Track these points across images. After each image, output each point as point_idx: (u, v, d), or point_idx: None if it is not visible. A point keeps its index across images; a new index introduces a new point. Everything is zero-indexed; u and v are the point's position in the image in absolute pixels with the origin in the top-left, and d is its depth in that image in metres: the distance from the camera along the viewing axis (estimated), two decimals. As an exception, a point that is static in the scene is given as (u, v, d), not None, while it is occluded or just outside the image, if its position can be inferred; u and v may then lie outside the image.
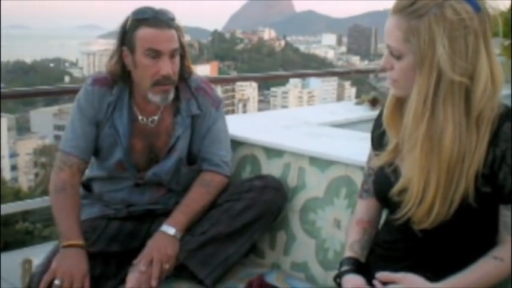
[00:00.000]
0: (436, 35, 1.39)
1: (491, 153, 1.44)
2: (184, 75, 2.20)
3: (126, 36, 2.09)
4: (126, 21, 2.10)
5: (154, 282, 1.96)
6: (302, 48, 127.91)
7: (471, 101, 1.43)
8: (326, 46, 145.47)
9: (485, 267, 1.48)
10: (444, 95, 1.42)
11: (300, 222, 2.24)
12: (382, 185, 1.62)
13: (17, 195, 17.67)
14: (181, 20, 2.17)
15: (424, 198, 1.45)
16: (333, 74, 9.04)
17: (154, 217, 2.23)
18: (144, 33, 2.05)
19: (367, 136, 2.40)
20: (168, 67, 2.06)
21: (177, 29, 2.12)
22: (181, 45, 2.14)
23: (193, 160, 2.25)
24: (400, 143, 1.56)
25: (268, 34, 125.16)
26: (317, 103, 75.97)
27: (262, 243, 2.32)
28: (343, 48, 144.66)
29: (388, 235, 1.64)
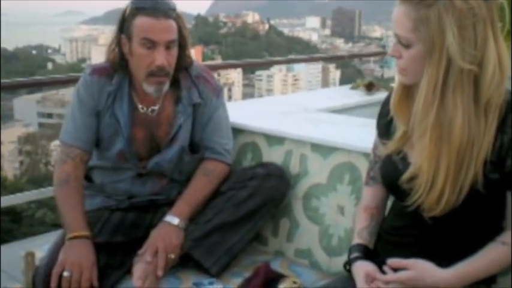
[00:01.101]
0: (445, 23, 1.40)
1: (499, 140, 1.46)
2: (185, 64, 2.19)
3: (124, 24, 2.07)
4: (126, 9, 2.08)
5: (160, 272, 1.96)
6: (286, 31, 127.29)
7: (480, 88, 1.44)
8: (310, 29, 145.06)
9: (493, 253, 1.50)
10: (454, 83, 1.43)
11: (303, 209, 2.25)
12: (390, 172, 1.63)
13: (3, 184, 17.51)
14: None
15: (434, 186, 1.47)
16: (325, 58, 8.94)
17: (157, 207, 2.22)
18: (140, 22, 2.03)
19: (368, 122, 2.42)
20: (163, 58, 2.04)
21: (177, 19, 2.10)
22: (182, 36, 2.13)
23: (195, 149, 2.24)
24: (409, 131, 1.57)
25: (252, 17, 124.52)
26: (302, 86, 75.98)
27: (265, 230, 2.33)
28: (327, 31, 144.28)
29: (397, 221, 1.65)
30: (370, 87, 3.40)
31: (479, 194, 1.46)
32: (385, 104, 1.73)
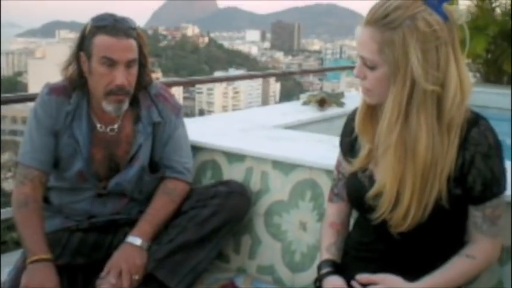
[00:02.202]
0: (410, 46, 1.45)
1: (461, 157, 1.51)
2: (144, 83, 2.18)
3: (84, 41, 2.05)
4: (86, 26, 2.06)
5: None
6: (226, 44, 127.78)
7: (442, 108, 1.49)
8: (250, 42, 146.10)
9: (459, 265, 1.56)
10: (418, 103, 1.48)
11: (264, 225, 2.27)
12: (356, 189, 1.66)
13: None
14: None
15: (400, 203, 1.51)
16: (271, 75, 9.01)
17: (118, 227, 2.20)
18: (101, 40, 2.01)
19: (325, 138, 2.48)
20: (123, 77, 2.02)
21: (138, 38, 2.09)
22: (142, 54, 2.12)
23: (155, 168, 2.23)
24: (373, 149, 1.61)
25: (191, 30, 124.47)
26: (243, 99, 76.25)
27: (227, 248, 2.34)
28: (267, 44, 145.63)
29: (363, 237, 1.69)
30: (322, 103, 3.46)
31: (444, 209, 1.51)
32: (348, 122, 1.77)
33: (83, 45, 2.06)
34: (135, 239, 2.07)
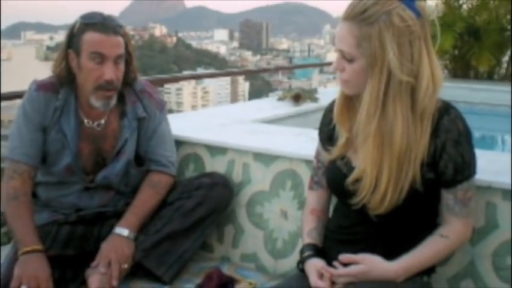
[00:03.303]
0: (386, 40, 1.55)
1: (433, 144, 1.62)
2: (130, 80, 2.25)
3: (73, 39, 2.12)
4: (74, 24, 2.12)
5: (115, 282, 2.02)
6: (194, 44, 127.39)
7: (416, 98, 1.60)
8: (218, 41, 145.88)
9: (434, 245, 1.67)
10: (394, 93, 1.58)
11: (247, 215, 2.36)
12: (336, 176, 1.76)
13: None
14: (71, 20, 2.21)
15: (378, 187, 1.62)
16: (252, 72, 9.04)
17: (105, 219, 2.26)
18: (90, 37, 2.08)
19: (303, 131, 2.58)
20: (112, 72, 2.10)
21: (124, 36, 2.16)
22: (128, 52, 2.19)
23: (141, 161, 2.31)
24: (352, 137, 1.71)
25: (159, 30, 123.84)
26: (212, 99, 76.10)
27: (211, 238, 2.42)
28: (235, 44, 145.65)
29: (343, 221, 1.79)
30: (297, 99, 3.56)
31: (418, 193, 1.62)
32: (327, 113, 1.87)
33: (71, 42, 2.12)
34: (122, 230, 2.14)
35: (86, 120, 2.21)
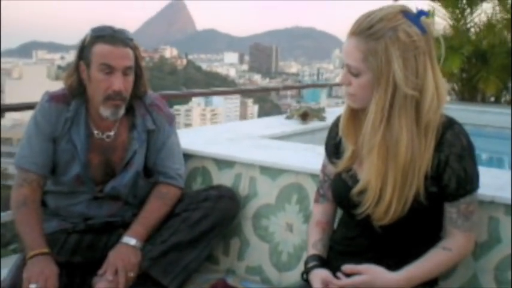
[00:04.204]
0: (392, 54, 1.59)
1: (437, 157, 1.66)
2: (140, 93, 2.30)
3: (84, 51, 2.17)
4: (85, 37, 2.18)
5: None
6: (204, 66, 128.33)
7: (421, 112, 1.64)
8: (228, 64, 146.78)
9: (437, 257, 1.69)
10: (399, 107, 1.62)
11: (253, 228, 2.39)
12: (341, 188, 1.80)
13: None
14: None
15: (383, 198, 1.65)
16: (265, 90, 9.12)
17: (112, 229, 2.30)
18: (99, 48, 2.14)
19: (310, 147, 2.61)
20: (120, 83, 2.15)
21: (134, 49, 2.22)
22: (138, 65, 2.24)
23: (149, 173, 2.34)
24: (358, 150, 1.75)
25: (170, 52, 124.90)
26: (221, 121, 76.31)
27: (216, 250, 2.45)
28: (245, 66, 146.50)
29: (348, 232, 1.82)
30: (304, 117, 3.60)
31: (422, 205, 1.65)
32: (333, 127, 1.91)
33: (82, 54, 2.18)
34: (129, 239, 2.17)
35: (95, 132, 2.25)
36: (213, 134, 3.01)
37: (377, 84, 1.62)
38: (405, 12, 1.63)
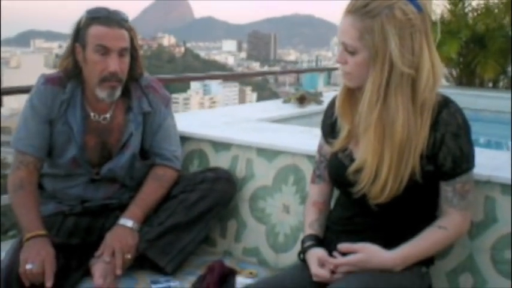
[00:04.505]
0: (388, 32, 1.59)
1: (432, 136, 1.66)
2: (136, 75, 2.29)
3: (79, 33, 2.17)
4: (81, 19, 2.17)
5: (119, 271, 2.05)
6: (202, 54, 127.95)
7: (416, 90, 1.64)
8: (226, 52, 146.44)
9: (432, 236, 1.69)
10: (395, 85, 1.62)
11: (250, 210, 2.39)
12: (337, 168, 1.80)
13: None
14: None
15: (379, 176, 1.65)
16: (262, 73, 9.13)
17: (109, 211, 2.30)
18: (95, 30, 2.13)
19: (306, 129, 2.61)
20: (116, 64, 2.14)
21: (130, 30, 2.21)
22: (134, 47, 2.23)
23: (145, 155, 2.34)
24: (353, 130, 1.75)
25: (167, 40, 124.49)
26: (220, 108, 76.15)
27: (214, 232, 2.45)
28: (243, 54, 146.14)
29: (344, 212, 1.82)
30: (302, 100, 3.60)
31: (418, 184, 1.65)
32: (329, 107, 1.91)
33: (78, 36, 2.17)
34: (126, 221, 2.18)
35: (92, 114, 2.24)
36: (210, 117, 3.01)
37: (373, 62, 1.62)
38: None
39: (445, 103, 1.68)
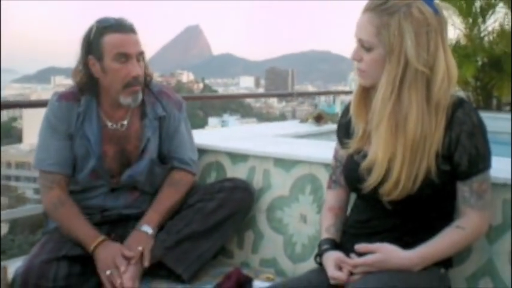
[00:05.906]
0: (404, 29, 1.62)
1: (448, 136, 1.66)
2: (146, 80, 2.31)
3: (91, 45, 2.19)
4: (90, 31, 2.20)
5: (147, 263, 2.13)
6: (221, 90, 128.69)
7: (431, 90, 1.65)
8: (244, 88, 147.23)
9: (450, 236, 1.68)
10: (409, 82, 1.64)
11: (267, 220, 2.39)
12: (352, 170, 1.80)
13: None
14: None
15: (391, 172, 1.65)
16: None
17: (128, 221, 2.31)
18: (111, 38, 2.16)
19: (324, 143, 2.62)
20: (137, 68, 2.19)
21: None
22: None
23: (164, 160, 2.36)
24: (368, 129, 1.75)
25: (186, 77, 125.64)
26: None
27: (231, 244, 2.45)
28: (261, 90, 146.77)
29: (360, 215, 1.82)
30: (319, 119, 3.61)
31: (434, 184, 1.65)
32: (345, 111, 1.93)
33: (90, 48, 2.20)
34: (144, 227, 2.20)
35: (109, 123, 2.27)
36: (228, 133, 3.04)
37: (388, 58, 1.65)
38: None
39: (459, 103, 1.69)
